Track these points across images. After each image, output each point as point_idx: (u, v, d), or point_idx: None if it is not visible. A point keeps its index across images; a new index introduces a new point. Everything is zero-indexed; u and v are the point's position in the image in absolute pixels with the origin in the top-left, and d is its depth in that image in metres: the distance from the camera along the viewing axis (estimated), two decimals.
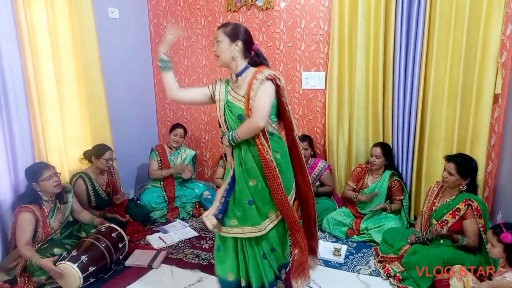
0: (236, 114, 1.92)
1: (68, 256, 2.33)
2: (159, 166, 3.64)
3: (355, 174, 3.25)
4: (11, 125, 2.55)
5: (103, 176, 3.17)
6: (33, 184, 2.49)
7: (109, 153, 3.07)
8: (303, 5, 3.39)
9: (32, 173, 2.50)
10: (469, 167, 2.47)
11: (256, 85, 1.84)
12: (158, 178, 3.61)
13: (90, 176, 3.05)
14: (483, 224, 2.34)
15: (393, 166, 3.18)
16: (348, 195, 3.21)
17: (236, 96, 1.95)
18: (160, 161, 3.65)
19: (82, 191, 2.99)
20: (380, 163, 3.08)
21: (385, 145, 3.13)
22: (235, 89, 1.98)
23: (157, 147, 3.73)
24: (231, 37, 1.90)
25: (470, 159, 2.53)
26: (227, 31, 1.91)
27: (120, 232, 2.68)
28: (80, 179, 3.00)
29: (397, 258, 2.54)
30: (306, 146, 3.29)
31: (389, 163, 3.13)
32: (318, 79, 3.48)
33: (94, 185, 3.07)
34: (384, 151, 3.07)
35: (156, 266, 2.64)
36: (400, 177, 3.15)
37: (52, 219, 2.58)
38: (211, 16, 3.78)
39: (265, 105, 1.83)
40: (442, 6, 2.86)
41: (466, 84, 2.90)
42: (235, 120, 1.93)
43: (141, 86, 4.06)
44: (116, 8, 3.60)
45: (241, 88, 1.94)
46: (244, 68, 1.95)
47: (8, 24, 2.47)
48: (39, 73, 2.76)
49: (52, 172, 2.53)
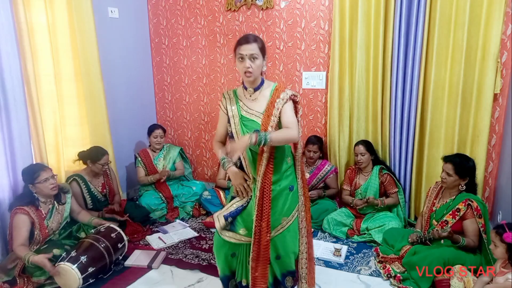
0: (253, 130, 1.85)
1: (67, 256, 2.32)
2: (146, 172, 3.62)
3: (347, 177, 3.30)
4: (10, 125, 2.54)
5: (99, 177, 3.14)
6: (29, 185, 2.47)
7: (105, 158, 3.04)
8: (303, 4, 3.38)
9: (28, 175, 2.48)
10: (467, 167, 2.47)
11: (280, 103, 1.87)
12: (146, 184, 3.60)
13: (84, 178, 3.03)
14: (483, 224, 2.34)
15: (379, 160, 3.22)
16: (346, 200, 3.25)
17: (251, 112, 1.94)
18: (145, 166, 3.62)
19: (77, 194, 2.96)
20: (366, 160, 3.12)
21: (366, 141, 3.18)
22: (249, 103, 1.95)
23: (140, 153, 3.67)
24: (262, 51, 1.87)
25: (468, 159, 2.53)
26: (260, 47, 1.85)
27: (119, 233, 2.67)
28: (74, 182, 2.98)
29: (398, 259, 2.53)
30: (316, 149, 3.31)
31: (375, 157, 3.17)
32: (318, 79, 3.47)
33: (89, 187, 3.04)
34: (367, 147, 3.12)
35: (155, 267, 2.63)
36: (389, 170, 3.17)
37: (50, 220, 2.56)
38: (211, 16, 3.78)
39: (296, 121, 1.90)
40: (442, 5, 2.86)
41: (466, 84, 2.90)
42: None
43: (141, 86, 4.05)
44: (116, 7, 3.59)
45: (257, 103, 1.94)
46: (262, 82, 1.95)
47: (7, 23, 2.46)
48: (38, 73, 2.76)
49: (49, 174, 2.51)
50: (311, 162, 3.36)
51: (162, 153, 3.71)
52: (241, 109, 1.96)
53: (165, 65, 4.14)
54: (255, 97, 1.94)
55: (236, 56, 1.87)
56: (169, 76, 4.15)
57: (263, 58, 1.88)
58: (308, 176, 3.37)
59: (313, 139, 3.35)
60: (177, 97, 4.16)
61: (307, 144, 3.35)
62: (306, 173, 3.39)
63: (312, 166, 3.39)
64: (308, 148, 3.32)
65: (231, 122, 1.97)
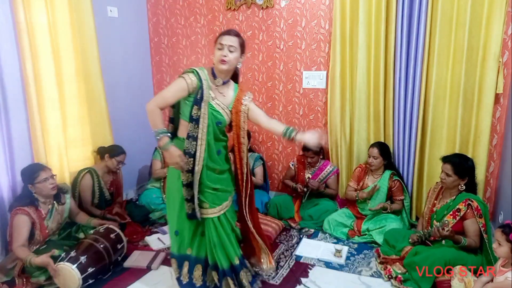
0: (215, 121, 2.04)
1: (67, 257, 2.30)
2: (162, 166, 3.63)
3: (355, 175, 3.23)
4: (9, 125, 2.53)
5: (109, 175, 3.20)
6: (29, 185, 2.46)
7: (123, 156, 3.14)
8: (303, 3, 3.37)
9: (27, 175, 2.47)
10: (466, 166, 2.46)
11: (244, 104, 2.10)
12: (161, 177, 3.59)
13: (97, 173, 3.09)
14: (483, 223, 2.33)
15: (392, 166, 3.15)
16: (350, 195, 3.19)
17: (220, 104, 2.06)
18: (163, 161, 3.63)
19: (88, 187, 3.01)
20: (378, 164, 3.06)
21: (382, 144, 3.10)
22: (219, 96, 2.06)
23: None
24: (242, 48, 2.02)
25: (467, 159, 2.51)
26: (241, 42, 2.00)
27: (118, 233, 2.66)
28: (88, 174, 3.03)
29: (399, 259, 2.52)
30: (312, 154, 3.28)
31: (388, 162, 3.10)
32: (319, 78, 3.46)
33: (100, 182, 3.10)
34: (381, 151, 3.04)
35: (155, 267, 2.62)
36: (400, 177, 3.13)
37: (50, 221, 2.55)
38: (210, 15, 3.76)
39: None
40: (443, 5, 2.84)
41: (467, 84, 2.89)
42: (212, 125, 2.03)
43: (140, 85, 4.04)
44: (115, 7, 3.57)
45: (223, 97, 2.08)
46: (229, 79, 2.10)
47: (7, 23, 2.45)
48: (38, 73, 2.73)
49: (48, 174, 2.50)
50: (313, 162, 3.34)
51: None
52: (211, 98, 2.02)
53: (165, 64, 4.12)
54: (222, 90, 2.07)
55: (216, 45, 1.98)
56: (168, 75, 4.14)
57: (240, 55, 2.00)
58: (310, 176, 3.37)
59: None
60: None
61: (304, 150, 3.31)
62: (308, 173, 3.38)
63: (314, 166, 3.38)
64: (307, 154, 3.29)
65: (200, 105, 1.97)
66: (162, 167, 3.61)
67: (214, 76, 2.03)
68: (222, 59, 1.94)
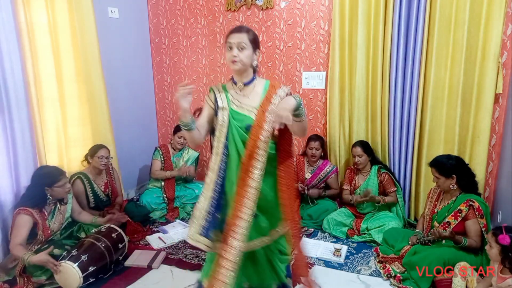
0: (245, 124, 1.80)
1: (68, 255, 2.32)
2: (162, 166, 3.63)
3: (346, 177, 3.31)
4: (12, 126, 2.54)
5: (102, 176, 3.16)
6: (46, 188, 2.47)
7: (103, 151, 3.04)
8: (303, 4, 3.38)
9: (48, 178, 2.48)
10: (448, 166, 2.46)
11: (276, 100, 1.80)
12: (161, 179, 3.61)
13: (88, 177, 3.05)
14: (485, 224, 2.34)
15: (377, 161, 3.23)
16: (346, 199, 3.25)
17: (243, 106, 1.84)
18: (163, 161, 3.64)
19: (80, 192, 2.98)
20: (364, 161, 3.13)
21: (363, 142, 3.18)
22: (240, 98, 1.86)
23: (161, 146, 3.72)
24: (253, 44, 1.81)
25: (448, 157, 2.53)
26: (251, 38, 1.80)
27: (120, 233, 2.67)
28: (78, 179, 2.99)
29: (398, 259, 2.53)
30: (318, 146, 3.31)
31: (372, 158, 3.18)
32: (318, 79, 3.47)
33: (92, 186, 3.06)
34: (364, 149, 3.12)
35: (155, 267, 2.63)
36: (388, 169, 3.17)
37: (52, 221, 2.57)
38: (211, 16, 3.78)
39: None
40: (442, 5, 2.85)
41: (466, 84, 2.90)
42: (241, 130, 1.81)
43: (141, 86, 4.06)
44: (116, 7, 3.59)
45: (249, 98, 1.86)
46: (253, 78, 1.88)
47: (8, 24, 2.46)
48: (39, 73, 2.75)
49: (66, 179, 2.55)
50: (313, 160, 3.36)
51: (181, 153, 3.74)
52: (231, 103, 1.87)
53: (165, 65, 4.14)
54: (246, 92, 1.86)
55: (226, 46, 1.82)
56: (169, 76, 4.16)
57: (253, 51, 1.81)
58: (309, 176, 3.37)
59: (314, 136, 3.35)
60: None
61: (309, 142, 3.35)
62: (308, 172, 3.40)
63: (314, 165, 3.39)
64: (310, 145, 3.32)
65: (219, 115, 1.84)
66: (162, 167, 3.62)
67: (235, 82, 1.88)
68: (233, 60, 1.78)
